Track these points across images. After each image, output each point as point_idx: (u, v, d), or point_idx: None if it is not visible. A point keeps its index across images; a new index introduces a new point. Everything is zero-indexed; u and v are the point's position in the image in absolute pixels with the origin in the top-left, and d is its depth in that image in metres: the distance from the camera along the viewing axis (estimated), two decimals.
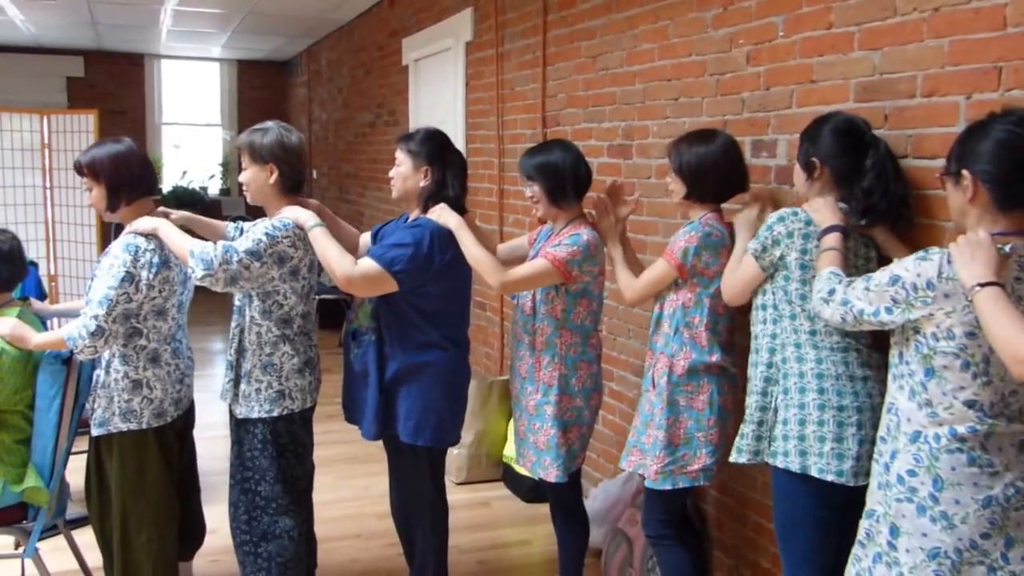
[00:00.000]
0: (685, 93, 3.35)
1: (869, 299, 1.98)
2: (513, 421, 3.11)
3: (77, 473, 3.21)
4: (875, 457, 2.05)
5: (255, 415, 2.75)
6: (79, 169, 2.76)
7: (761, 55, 2.95)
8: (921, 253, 1.91)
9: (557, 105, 4.33)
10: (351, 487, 4.38)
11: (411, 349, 2.78)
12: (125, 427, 2.70)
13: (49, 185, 5.85)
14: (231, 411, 2.85)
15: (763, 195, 2.79)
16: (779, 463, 2.31)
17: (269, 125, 2.80)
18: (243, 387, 2.76)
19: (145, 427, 2.72)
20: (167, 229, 2.69)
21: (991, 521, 1.82)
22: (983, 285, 1.73)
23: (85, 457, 3.17)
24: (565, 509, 3.10)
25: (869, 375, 2.28)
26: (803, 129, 2.45)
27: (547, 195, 2.89)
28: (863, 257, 2.37)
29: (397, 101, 6.88)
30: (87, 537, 3.30)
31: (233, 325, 2.81)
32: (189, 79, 11.75)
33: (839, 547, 2.22)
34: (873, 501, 2.03)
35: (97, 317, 2.57)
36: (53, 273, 5.87)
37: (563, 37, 4.24)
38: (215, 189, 11.78)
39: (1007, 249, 1.82)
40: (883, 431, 2.03)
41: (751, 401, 2.44)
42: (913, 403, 1.92)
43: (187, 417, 2.93)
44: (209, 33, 9.26)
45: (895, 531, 1.93)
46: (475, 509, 4.20)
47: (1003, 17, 2.11)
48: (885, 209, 2.30)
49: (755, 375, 2.44)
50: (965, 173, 1.87)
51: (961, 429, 1.84)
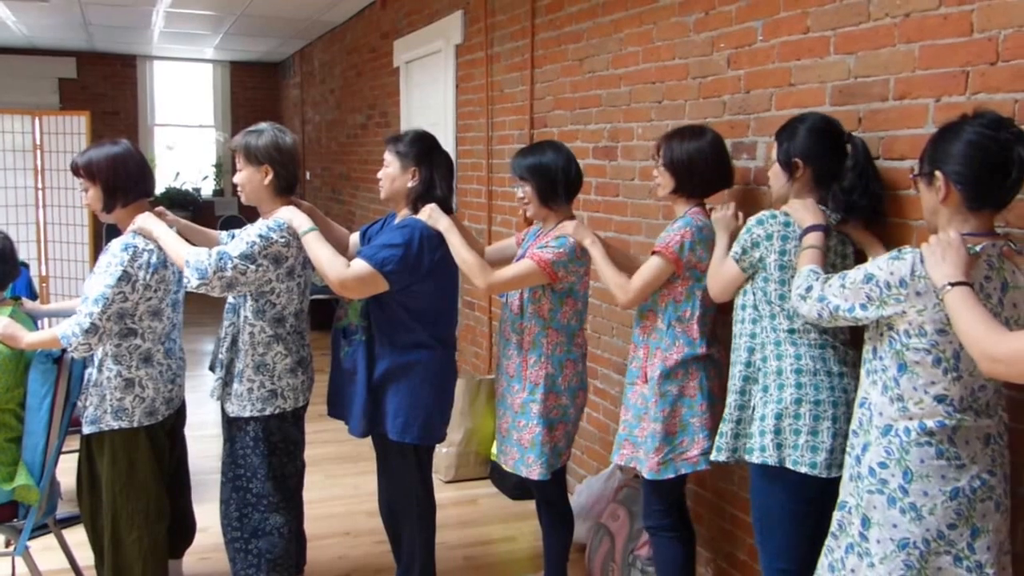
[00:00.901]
0: (668, 96, 3.44)
1: (844, 296, 2.06)
2: (497, 419, 3.18)
3: (68, 473, 3.28)
4: (847, 450, 2.14)
5: (247, 414, 2.83)
6: (75, 170, 2.82)
7: (741, 59, 3.03)
8: (895, 252, 1.99)
9: (545, 107, 4.41)
10: (340, 485, 4.46)
11: (400, 348, 2.86)
12: (117, 425, 2.78)
13: (41, 186, 5.93)
14: (223, 409, 2.92)
15: (738, 197, 2.88)
16: (755, 459, 2.39)
17: (263, 127, 2.87)
18: (235, 386, 2.83)
19: (136, 425, 2.79)
20: (165, 235, 2.75)
21: (957, 512, 1.91)
22: (954, 285, 1.81)
23: (74, 457, 3.24)
24: (551, 506, 3.18)
25: (845, 371, 2.37)
26: (777, 130, 2.53)
27: (538, 196, 2.97)
28: (840, 254, 2.45)
29: (389, 103, 6.97)
30: (77, 536, 3.39)
31: (227, 324, 2.87)
32: (182, 80, 11.83)
33: (813, 538, 2.30)
34: (845, 493, 2.11)
35: (92, 315, 2.63)
36: (44, 274, 5.95)
37: (550, 40, 4.33)
38: (208, 190, 11.86)
39: (977, 249, 1.91)
40: (855, 425, 2.11)
41: (730, 400, 2.52)
42: (885, 398, 2.00)
43: (178, 416, 3.01)
44: (201, 35, 9.33)
45: (867, 522, 2.01)
46: (463, 506, 4.29)
47: (970, 23, 2.20)
48: (864, 207, 2.39)
49: (734, 374, 2.52)
50: (938, 174, 1.95)
51: (930, 423, 1.92)
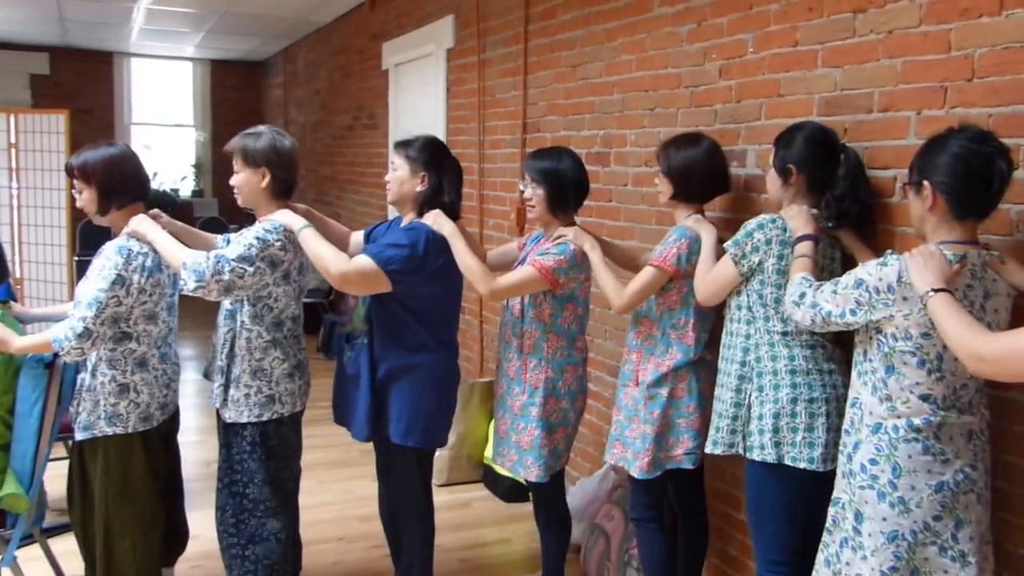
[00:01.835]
0: (661, 104, 3.57)
1: (836, 302, 2.20)
2: (495, 421, 3.28)
3: (53, 481, 3.34)
4: (840, 448, 2.29)
5: (244, 419, 2.91)
6: (70, 171, 2.86)
7: (732, 69, 3.16)
8: (881, 259, 2.13)
9: (537, 112, 4.54)
10: (333, 491, 4.55)
11: (403, 351, 2.95)
12: (111, 431, 2.81)
13: (16, 186, 5.92)
14: (219, 415, 3.01)
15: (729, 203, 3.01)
16: (755, 456, 2.54)
17: (262, 130, 2.95)
18: (232, 392, 2.91)
19: (131, 431, 2.83)
20: (161, 238, 2.80)
21: (942, 504, 2.07)
22: (935, 291, 1.95)
23: (61, 465, 3.28)
24: (549, 508, 3.28)
25: (834, 368, 2.52)
26: (776, 136, 2.66)
27: (548, 202, 3.07)
28: (829, 257, 2.60)
29: (377, 105, 7.07)
30: (62, 546, 3.45)
31: (224, 330, 2.95)
32: (160, 78, 11.81)
33: (805, 531, 2.45)
34: (839, 489, 2.26)
35: (85, 319, 2.67)
36: (20, 276, 5.95)
37: (544, 47, 4.45)
38: (187, 191, 11.90)
39: (960, 256, 2.05)
40: (847, 424, 2.25)
41: (726, 396, 2.64)
42: (875, 397, 2.15)
43: (172, 421, 3.06)
44: (182, 32, 9.35)
45: (859, 517, 2.15)
46: (456, 510, 4.39)
47: (948, 41, 2.34)
48: (855, 215, 2.52)
49: (729, 371, 2.65)
50: (926, 184, 2.08)
51: (917, 421, 2.08)
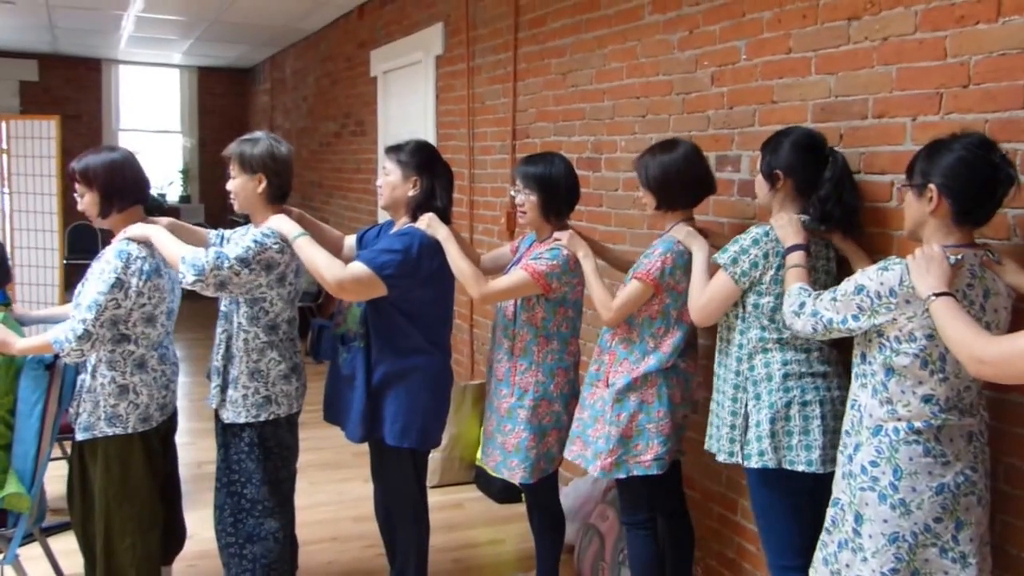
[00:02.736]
0: (652, 110, 3.58)
1: (836, 309, 2.19)
2: (483, 420, 3.28)
3: (52, 481, 3.32)
4: (840, 449, 2.28)
5: (242, 420, 2.89)
6: (72, 175, 2.86)
7: (725, 76, 3.17)
8: (882, 264, 2.13)
9: (527, 119, 4.54)
10: (325, 492, 4.53)
11: (398, 354, 2.94)
12: (111, 431, 2.81)
13: (8, 191, 5.91)
14: (217, 416, 2.99)
15: (722, 209, 3.01)
16: (755, 464, 2.52)
17: (259, 136, 2.95)
18: (230, 393, 2.90)
19: (131, 432, 2.83)
20: (161, 235, 2.80)
21: (943, 506, 2.07)
22: (938, 295, 1.95)
23: (61, 465, 3.27)
24: (542, 509, 3.28)
25: (828, 371, 2.53)
26: (763, 142, 2.66)
27: (541, 207, 3.06)
28: (824, 258, 2.60)
29: (365, 112, 7.06)
30: (62, 544, 3.44)
31: (220, 331, 2.94)
32: (147, 85, 11.78)
33: (813, 535, 2.43)
34: (838, 490, 2.26)
35: (85, 321, 2.67)
36: (11, 281, 5.92)
37: (533, 54, 4.45)
38: (175, 196, 11.84)
39: (959, 258, 2.05)
40: (847, 425, 2.25)
41: (724, 403, 2.64)
42: (875, 400, 2.15)
43: (170, 422, 3.05)
44: (171, 40, 9.32)
45: (859, 518, 2.15)
46: (448, 511, 4.38)
47: (944, 48, 2.36)
48: (839, 217, 2.52)
49: (725, 379, 2.64)
50: (931, 186, 2.06)
51: (918, 423, 2.07)
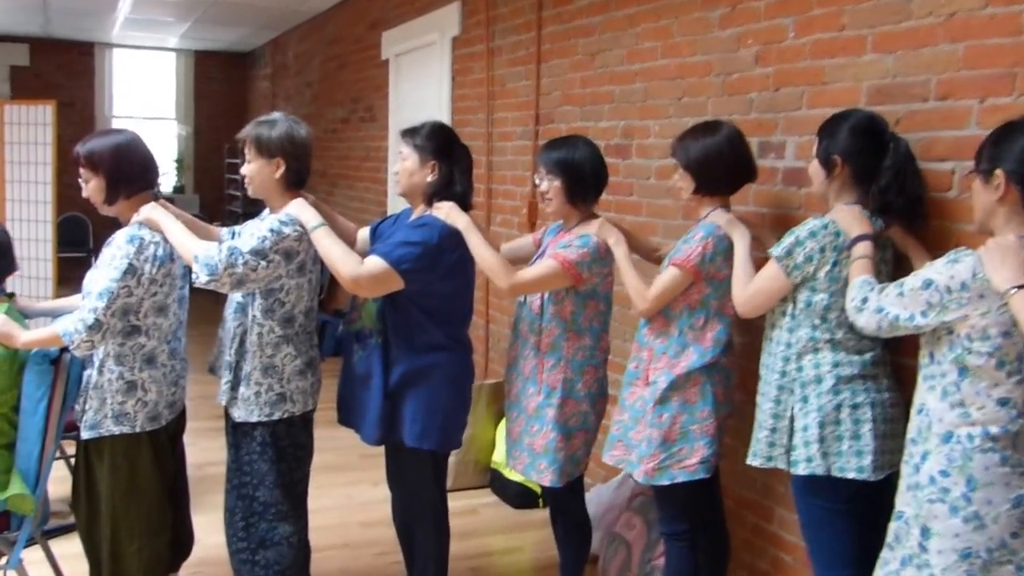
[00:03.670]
0: (689, 93, 3.50)
1: (903, 304, 2.10)
2: (506, 422, 3.20)
3: (55, 482, 3.24)
4: (904, 459, 2.18)
5: (254, 418, 2.82)
6: (76, 160, 2.79)
7: (770, 56, 3.09)
8: (952, 256, 2.04)
9: (551, 103, 4.46)
10: (332, 496, 4.45)
11: (417, 351, 2.87)
12: (118, 430, 2.74)
13: (1, 179, 5.85)
14: (227, 414, 2.92)
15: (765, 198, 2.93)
16: (803, 470, 2.45)
17: (277, 117, 2.87)
18: (242, 390, 2.82)
19: (139, 430, 2.76)
20: (173, 225, 2.73)
21: (1021, 521, 1.96)
22: (1018, 288, 1.87)
23: (65, 465, 3.20)
24: (568, 516, 3.21)
25: (878, 373, 2.45)
26: (820, 126, 2.58)
27: (566, 193, 2.99)
28: (880, 260, 2.49)
29: (375, 96, 6.98)
30: (64, 548, 3.37)
31: (234, 324, 2.86)
32: (142, 70, 11.72)
33: (865, 546, 2.37)
34: (902, 503, 2.16)
35: (96, 310, 2.60)
36: (16, 270, 5.85)
37: (558, 34, 4.38)
38: (168, 187, 11.78)
39: None
40: (913, 433, 2.15)
41: (764, 407, 2.57)
42: (945, 403, 2.05)
43: (179, 421, 2.99)
44: (167, 22, 9.26)
45: (927, 533, 2.05)
46: (463, 516, 4.28)
47: (1018, 24, 2.27)
48: (901, 207, 2.44)
49: (768, 380, 2.57)
50: (998, 172, 1.99)
51: (994, 429, 1.97)
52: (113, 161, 2.78)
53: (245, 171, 2.88)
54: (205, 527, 3.35)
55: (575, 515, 3.22)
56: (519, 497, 4.39)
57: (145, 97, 11.82)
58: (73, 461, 3.10)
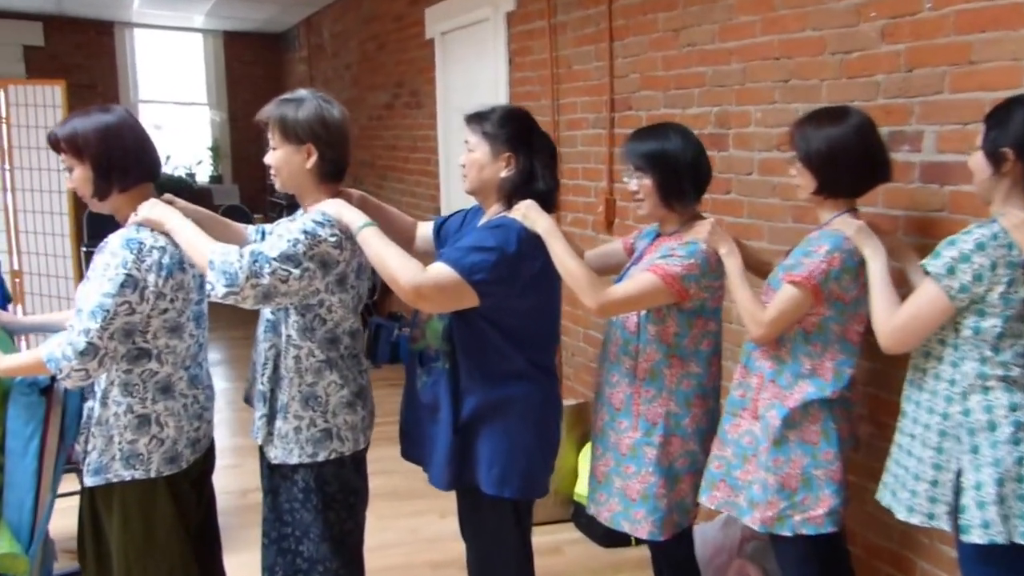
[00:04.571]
0: (798, 74, 3.15)
1: None
2: (592, 459, 2.88)
3: (64, 514, 2.94)
4: None
5: (295, 460, 2.51)
6: (55, 144, 2.43)
7: (900, 31, 2.74)
8: None
9: (628, 86, 4.13)
10: (395, 530, 4.13)
11: (493, 380, 2.54)
12: (129, 475, 2.42)
13: (9, 167, 5.57)
14: (263, 454, 2.62)
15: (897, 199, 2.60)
16: (978, 537, 2.11)
17: (304, 95, 2.52)
18: (279, 425, 2.51)
19: (154, 475, 2.44)
20: (181, 226, 2.39)
21: None
22: None
23: (72, 499, 2.87)
24: (675, 568, 2.90)
25: None
26: (988, 112, 2.23)
27: (659, 192, 2.66)
28: None
29: (420, 80, 6.66)
30: None
31: (266, 346, 2.54)
32: (168, 51, 11.53)
33: None
34: None
35: (88, 332, 2.27)
36: (17, 268, 5.66)
37: (634, 8, 4.04)
38: (204, 176, 11.60)
39: None
40: None
41: (922, 455, 2.24)
42: None
43: (205, 460, 2.67)
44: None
45: None
46: (546, 556, 3.93)
47: None
48: None
49: (927, 423, 2.24)
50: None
51: None
52: (100, 145, 2.40)
53: (270, 160, 2.54)
54: (246, 568, 3.01)
55: (684, 567, 2.91)
56: (608, 535, 4.01)
57: (173, 81, 11.59)
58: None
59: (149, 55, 11.37)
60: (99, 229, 9.80)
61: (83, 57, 10.85)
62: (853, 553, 2.95)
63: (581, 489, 4.14)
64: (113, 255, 2.33)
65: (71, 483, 2.81)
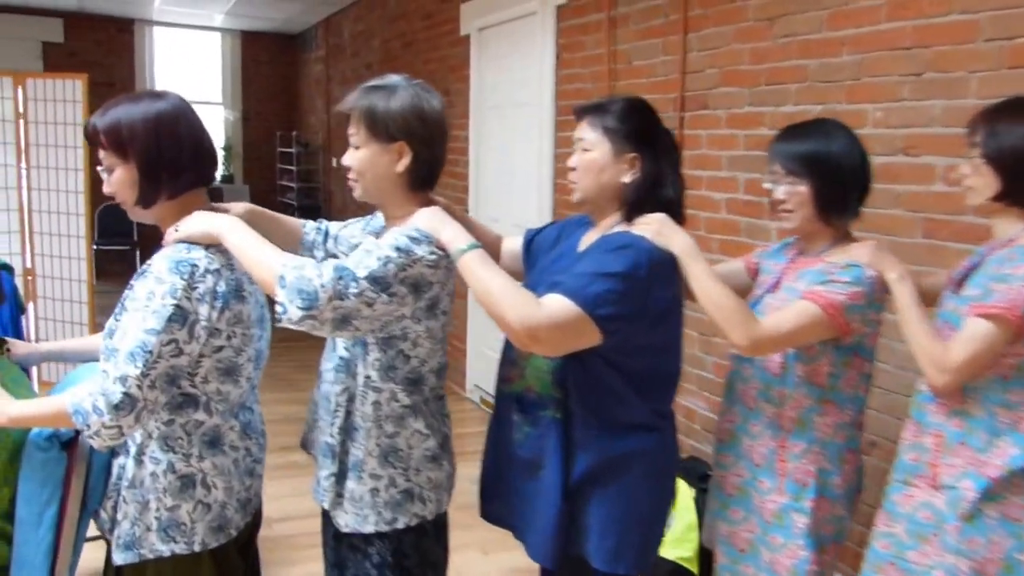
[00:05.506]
0: (937, 66, 2.54)
1: None
2: (723, 521, 2.23)
3: (89, 560, 2.29)
4: None
5: (370, 528, 1.89)
6: (94, 137, 1.79)
7: None
8: None
9: (704, 83, 3.50)
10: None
11: (611, 434, 1.92)
12: (167, 550, 1.80)
13: (26, 165, 4.94)
14: (326, 518, 2.00)
15: None
16: None
17: (397, 81, 1.89)
18: (351, 486, 1.89)
19: (199, 548, 1.82)
20: (240, 235, 1.75)
21: None
22: None
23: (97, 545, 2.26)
24: None
25: None
26: None
27: (817, 202, 2.04)
28: None
29: (452, 79, 6.00)
30: None
31: (337, 388, 1.91)
32: (186, 50, 10.94)
33: None
34: None
35: (126, 380, 1.64)
36: (30, 267, 5.01)
37: None
38: (216, 175, 10.95)
39: None
40: None
41: None
42: None
43: (253, 523, 2.04)
44: None
45: None
46: None
47: None
48: None
49: None
50: None
51: None
52: (150, 138, 1.76)
53: (350, 161, 1.90)
54: None
55: None
56: None
57: (190, 79, 10.94)
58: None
59: (167, 54, 10.74)
60: (111, 227, 8.96)
61: (102, 54, 10.21)
62: None
63: (683, 551, 3.17)
64: (159, 281, 1.70)
65: (98, 549, 2.16)
